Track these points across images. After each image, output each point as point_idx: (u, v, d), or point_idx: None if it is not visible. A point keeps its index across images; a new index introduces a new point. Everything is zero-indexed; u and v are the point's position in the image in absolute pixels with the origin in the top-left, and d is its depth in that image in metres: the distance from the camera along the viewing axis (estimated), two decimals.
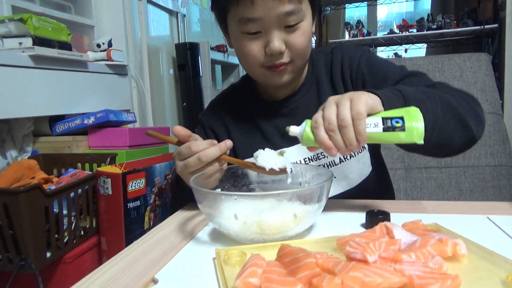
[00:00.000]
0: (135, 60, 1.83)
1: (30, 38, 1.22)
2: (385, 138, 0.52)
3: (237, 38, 0.76)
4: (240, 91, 0.94)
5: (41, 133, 1.40)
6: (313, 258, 0.39)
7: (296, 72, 0.80)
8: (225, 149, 0.63)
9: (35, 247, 0.95)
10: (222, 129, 0.90)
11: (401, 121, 0.51)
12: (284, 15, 0.69)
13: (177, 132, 0.64)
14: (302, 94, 0.86)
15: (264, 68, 0.77)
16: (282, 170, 0.57)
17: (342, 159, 0.83)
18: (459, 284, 0.36)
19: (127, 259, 0.50)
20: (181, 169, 0.65)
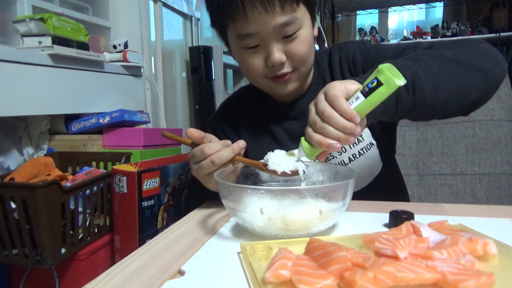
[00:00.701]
0: (150, 62, 1.85)
1: (50, 37, 1.24)
2: (371, 102, 0.50)
3: (238, 53, 0.77)
4: (249, 94, 0.95)
5: (57, 131, 1.42)
6: (345, 252, 0.39)
7: (301, 80, 0.80)
8: (238, 150, 0.63)
9: (51, 243, 0.96)
10: (233, 131, 0.91)
11: (375, 80, 0.50)
12: (280, 27, 0.69)
13: (190, 134, 0.64)
14: (309, 96, 0.86)
15: (268, 79, 0.77)
16: (294, 172, 0.57)
17: (351, 158, 0.83)
18: (494, 282, 0.35)
19: (152, 251, 0.50)
20: (196, 172, 0.65)
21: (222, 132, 0.92)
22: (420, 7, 3.49)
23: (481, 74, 0.63)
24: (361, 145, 0.83)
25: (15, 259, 0.98)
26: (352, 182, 0.53)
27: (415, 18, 4.26)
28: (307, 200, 0.52)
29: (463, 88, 0.61)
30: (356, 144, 0.83)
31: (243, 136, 0.90)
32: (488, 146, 1.38)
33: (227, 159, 0.62)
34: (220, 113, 0.97)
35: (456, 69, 0.61)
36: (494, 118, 1.40)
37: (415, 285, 0.37)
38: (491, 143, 1.37)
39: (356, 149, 0.83)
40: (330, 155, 0.84)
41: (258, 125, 0.89)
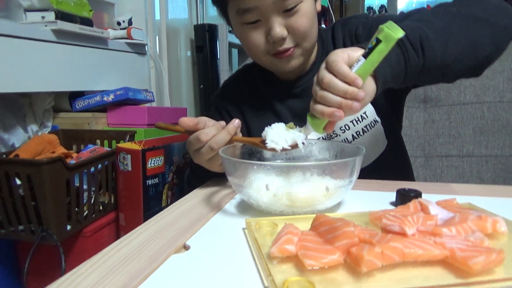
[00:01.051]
0: (154, 40, 1.83)
1: (53, 12, 1.22)
2: (372, 61, 0.49)
3: (239, 29, 0.75)
4: (252, 71, 0.93)
5: (61, 109, 1.41)
6: (352, 227, 0.38)
7: (305, 55, 0.78)
8: (234, 131, 0.62)
9: (56, 219, 0.97)
10: (236, 110, 0.90)
11: (375, 40, 0.49)
12: (280, 0, 0.68)
13: (184, 124, 0.63)
14: (313, 74, 0.83)
15: (270, 56, 0.75)
16: (293, 146, 0.56)
17: (355, 135, 0.82)
18: (503, 258, 0.35)
19: (157, 226, 0.50)
20: (196, 159, 0.65)
21: (225, 110, 0.91)
22: None
23: (492, 27, 0.61)
24: (365, 122, 0.82)
25: (21, 235, 0.99)
26: (359, 159, 0.52)
27: None
28: (313, 177, 0.52)
29: (474, 43, 0.59)
30: (360, 121, 0.82)
31: (247, 114, 0.89)
32: (496, 128, 1.36)
33: (224, 142, 0.61)
34: (223, 91, 0.95)
35: (465, 24, 0.59)
36: (504, 100, 1.38)
37: (422, 261, 0.36)
38: (500, 125, 1.35)
39: (360, 126, 0.82)
40: (334, 133, 0.82)
41: (261, 103, 0.88)
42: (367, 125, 0.82)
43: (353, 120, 0.81)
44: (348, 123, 0.81)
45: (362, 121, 0.82)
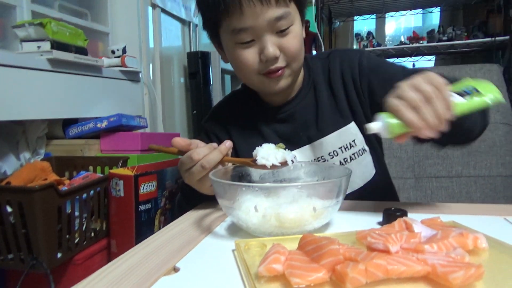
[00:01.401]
0: (148, 67, 1.86)
1: (49, 42, 1.25)
2: (471, 106, 0.51)
3: (232, 49, 0.77)
4: (241, 96, 0.95)
5: (54, 136, 1.42)
6: (337, 245, 0.39)
7: (293, 76, 0.81)
8: (225, 151, 0.64)
9: (47, 247, 0.96)
10: (224, 134, 0.92)
11: (474, 89, 0.51)
12: (274, 20, 0.71)
13: (176, 143, 0.65)
14: (300, 100, 0.87)
15: (261, 76, 0.78)
16: (282, 163, 0.58)
17: (342, 162, 0.84)
18: (483, 273, 0.36)
19: (147, 249, 0.50)
20: (187, 179, 0.66)
21: (213, 134, 0.93)
22: (417, 12, 3.52)
23: (487, 122, 0.71)
24: (353, 150, 0.84)
25: (10, 264, 0.98)
26: (345, 179, 0.53)
27: (412, 24, 4.30)
28: (301, 198, 0.53)
29: (474, 128, 0.67)
30: (348, 148, 0.84)
31: (235, 138, 0.90)
32: (483, 148, 1.39)
33: (216, 162, 0.62)
34: (212, 115, 0.98)
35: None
36: (490, 121, 1.41)
37: (405, 277, 0.37)
38: (486, 145, 1.38)
39: (348, 153, 0.83)
40: (322, 158, 0.84)
41: (248, 127, 0.90)
42: (355, 152, 0.84)
43: (342, 147, 0.84)
44: (336, 149, 0.84)
45: (351, 148, 0.84)
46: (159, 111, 1.92)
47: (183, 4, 2.24)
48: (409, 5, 3.16)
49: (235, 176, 0.65)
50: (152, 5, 1.93)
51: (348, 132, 0.84)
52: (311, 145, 0.85)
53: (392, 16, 3.59)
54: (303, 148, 0.86)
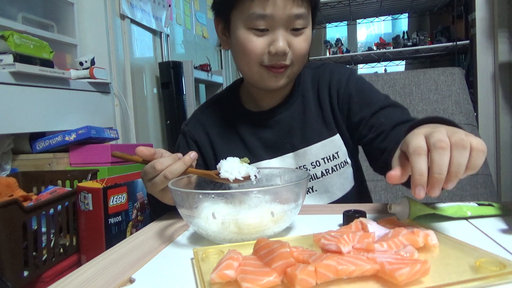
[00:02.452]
0: (118, 78, 1.84)
1: (11, 55, 1.23)
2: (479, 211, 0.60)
3: (242, 33, 0.76)
4: (224, 101, 0.94)
5: (20, 150, 1.39)
6: (288, 248, 0.39)
7: (291, 78, 0.81)
8: (190, 162, 0.63)
9: (12, 266, 0.93)
10: (205, 139, 0.90)
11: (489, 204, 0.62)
12: (294, 17, 0.72)
13: (140, 152, 0.64)
14: (287, 107, 0.87)
15: (263, 68, 0.77)
16: (245, 178, 0.58)
17: (324, 172, 0.84)
18: (429, 269, 0.37)
19: (104, 262, 0.49)
20: (150, 189, 0.65)
21: (192, 138, 0.91)
22: (383, 19, 3.62)
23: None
24: (335, 162, 0.84)
25: None
26: (303, 183, 0.54)
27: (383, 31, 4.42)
28: (260, 203, 0.53)
29: None
30: (331, 159, 0.84)
31: (215, 143, 0.90)
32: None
33: (179, 172, 0.62)
34: (193, 120, 0.96)
35: None
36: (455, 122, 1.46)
37: (356, 277, 0.38)
38: None
39: (330, 164, 0.84)
40: (304, 167, 0.85)
41: (231, 132, 0.89)
42: (337, 164, 0.84)
43: (325, 158, 0.84)
44: (319, 159, 0.84)
45: (334, 160, 0.84)
46: (131, 122, 1.89)
47: (154, 15, 2.24)
48: (376, 12, 3.26)
49: (199, 184, 0.65)
50: (121, 16, 1.91)
51: (332, 144, 0.85)
52: (294, 153, 0.85)
53: (363, 23, 3.68)
54: (286, 155, 0.85)
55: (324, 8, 2.95)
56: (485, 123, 2.21)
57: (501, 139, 2.16)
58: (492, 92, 2.20)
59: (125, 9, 1.92)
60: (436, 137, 0.45)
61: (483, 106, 2.21)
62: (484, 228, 0.54)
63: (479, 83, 2.22)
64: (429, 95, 1.50)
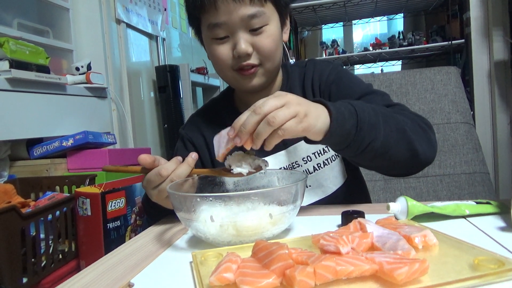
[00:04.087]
0: (115, 83, 1.84)
1: (7, 61, 1.22)
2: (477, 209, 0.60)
3: (209, 44, 0.80)
4: (219, 104, 0.97)
5: (18, 157, 1.38)
6: (286, 250, 0.39)
7: (267, 76, 0.82)
8: (193, 163, 0.64)
9: (10, 272, 0.92)
10: (201, 141, 0.92)
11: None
12: (247, 18, 0.73)
13: (143, 161, 0.64)
14: None
15: (235, 72, 0.79)
16: (257, 169, 0.59)
17: (316, 167, 0.85)
18: (427, 267, 0.37)
19: (103, 267, 0.49)
20: (156, 197, 0.64)
21: (189, 140, 0.93)
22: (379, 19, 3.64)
23: (416, 160, 0.69)
24: (326, 156, 0.85)
25: None
26: (301, 184, 0.54)
27: (378, 31, 4.44)
28: (258, 206, 0.53)
29: (396, 163, 0.68)
30: (321, 154, 0.85)
31: (210, 143, 0.90)
32: (446, 148, 1.43)
33: (186, 175, 0.62)
34: (189, 122, 0.98)
35: (403, 147, 0.67)
36: (451, 121, 1.47)
37: (355, 277, 0.38)
38: (449, 144, 1.43)
39: (321, 159, 0.85)
40: (296, 163, 0.85)
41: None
42: (328, 158, 0.85)
43: (315, 152, 0.85)
44: (310, 154, 0.85)
45: (324, 154, 0.85)
46: (129, 126, 1.89)
47: (150, 19, 2.24)
48: (372, 13, 3.27)
49: (209, 184, 0.65)
50: (117, 21, 1.91)
51: None
52: (286, 150, 0.86)
53: (359, 24, 3.70)
54: (278, 153, 0.86)
55: (319, 10, 2.96)
56: (482, 121, 2.22)
57: (498, 137, 2.17)
58: (488, 90, 2.20)
59: (120, 14, 1.92)
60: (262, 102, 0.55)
61: (480, 105, 2.22)
62: (482, 226, 0.54)
63: (475, 81, 2.23)
64: (426, 94, 1.51)
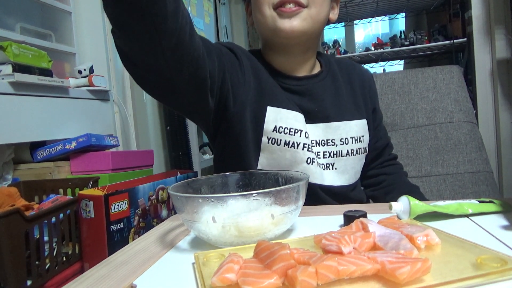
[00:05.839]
0: (117, 86, 1.85)
1: (10, 65, 1.23)
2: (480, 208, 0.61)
3: None
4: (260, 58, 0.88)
5: (21, 160, 1.39)
6: (288, 250, 0.39)
7: (309, 24, 0.76)
8: None
9: (14, 275, 0.92)
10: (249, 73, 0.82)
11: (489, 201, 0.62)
12: None
13: None
14: (319, 79, 0.87)
15: (274, 11, 0.75)
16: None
17: (349, 152, 0.85)
18: (429, 267, 0.37)
19: (106, 269, 0.50)
20: None
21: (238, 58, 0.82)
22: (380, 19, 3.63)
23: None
24: (360, 145, 0.87)
25: None
26: (303, 184, 0.54)
27: (380, 31, 4.43)
28: (260, 206, 0.53)
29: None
30: (357, 141, 0.86)
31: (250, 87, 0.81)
32: (449, 147, 1.43)
33: None
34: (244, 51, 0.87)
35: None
36: (454, 120, 1.46)
37: (357, 277, 0.38)
38: (452, 144, 1.43)
39: (355, 146, 0.86)
40: (332, 141, 0.84)
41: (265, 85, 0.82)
42: (360, 148, 0.87)
43: (354, 137, 0.85)
44: (349, 137, 0.85)
45: (359, 142, 0.87)
46: (131, 129, 1.90)
47: None
48: (373, 13, 3.27)
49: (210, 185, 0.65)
50: None
51: (361, 126, 0.88)
52: (326, 124, 0.84)
53: (361, 24, 3.69)
54: (318, 125, 0.84)
55: None
56: (484, 120, 2.21)
57: (502, 136, 2.16)
58: (491, 89, 2.20)
59: None
60: None
61: (482, 103, 2.21)
62: (485, 225, 0.54)
63: (478, 80, 2.22)
64: (428, 93, 1.50)
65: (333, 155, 0.84)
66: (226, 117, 0.80)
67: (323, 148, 0.83)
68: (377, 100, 0.98)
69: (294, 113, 0.81)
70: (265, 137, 0.78)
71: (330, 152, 0.84)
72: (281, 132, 0.77)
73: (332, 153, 0.84)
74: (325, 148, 0.83)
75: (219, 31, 3.13)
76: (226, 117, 0.80)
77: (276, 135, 0.77)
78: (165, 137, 2.25)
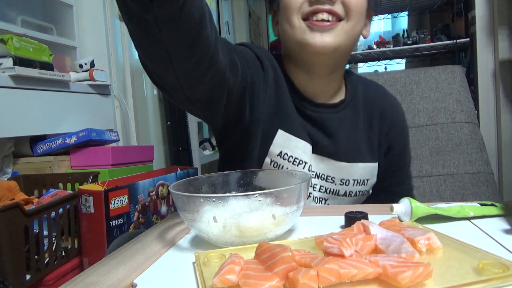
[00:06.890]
0: (118, 80, 1.84)
1: (11, 58, 1.22)
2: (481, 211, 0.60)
3: None
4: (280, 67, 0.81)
5: (21, 154, 1.39)
6: (289, 252, 0.39)
7: (343, 39, 0.68)
8: None
9: (14, 269, 0.93)
10: (270, 86, 0.77)
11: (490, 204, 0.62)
12: None
13: None
14: (338, 110, 0.80)
15: (304, 22, 0.68)
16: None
17: (346, 193, 0.82)
18: (431, 271, 0.37)
19: (106, 267, 0.49)
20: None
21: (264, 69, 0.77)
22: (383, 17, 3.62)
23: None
24: (361, 188, 0.83)
25: None
26: (304, 185, 0.54)
27: (382, 29, 4.41)
28: (261, 206, 0.53)
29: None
30: (359, 184, 0.82)
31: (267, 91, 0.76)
32: (450, 147, 1.42)
33: None
34: (271, 58, 0.81)
35: None
36: (455, 121, 1.46)
37: (359, 280, 0.38)
38: (453, 144, 1.42)
39: (356, 188, 0.82)
40: (332, 179, 0.81)
41: (283, 98, 0.77)
42: (361, 191, 0.82)
43: (356, 180, 0.80)
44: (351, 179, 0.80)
45: (361, 185, 0.81)
46: (132, 123, 1.89)
47: None
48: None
49: (212, 184, 0.65)
50: (120, 18, 1.91)
51: (368, 169, 0.80)
52: (330, 161, 0.79)
53: None
54: (323, 158, 0.79)
55: None
56: (486, 121, 2.21)
57: (503, 137, 2.16)
58: (493, 89, 2.19)
59: None
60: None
61: (484, 104, 2.21)
62: (486, 228, 0.54)
63: (480, 80, 2.21)
64: (430, 93, 1.50)
65: (329, 192, 0.79)
66: (237, 129, 0.76)
67: (321, 182, 0.79)
68: (401, 140, 0.86)
69: (303, 143, 0.76)
70: (269, 159, 0.75)
71: (326, 189, 0.79)
72: (285, 159, 0.74)
73: (328, 190, 0.79)
74: (323, 183, 0.79)
75: (221, 27, 3.12)
76: (237, 128, 0.76)
77: (280, 161, 0.74)
78: (166, 133, 2.25)
